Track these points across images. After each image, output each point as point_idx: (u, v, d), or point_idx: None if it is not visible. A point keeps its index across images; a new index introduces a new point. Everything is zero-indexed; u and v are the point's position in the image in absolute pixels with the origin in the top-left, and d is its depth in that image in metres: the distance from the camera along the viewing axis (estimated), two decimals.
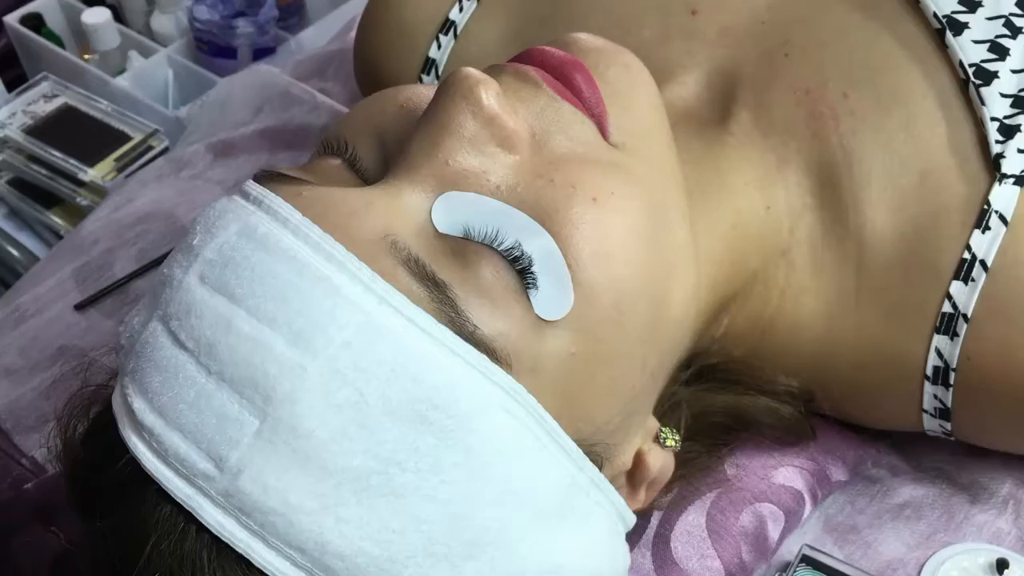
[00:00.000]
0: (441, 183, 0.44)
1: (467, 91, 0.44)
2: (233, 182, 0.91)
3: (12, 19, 1.46)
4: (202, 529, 0.39)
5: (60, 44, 1.46)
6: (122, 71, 1.39)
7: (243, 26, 1.32)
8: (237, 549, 0.39)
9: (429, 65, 0.71)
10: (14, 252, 1.09)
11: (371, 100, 0.51)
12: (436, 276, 0.41)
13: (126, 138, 1.16)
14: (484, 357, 0.41)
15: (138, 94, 1.32)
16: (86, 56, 1.43)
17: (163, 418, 0.40)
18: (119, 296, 0.81)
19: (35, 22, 1.46)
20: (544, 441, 0.42)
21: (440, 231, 0.43)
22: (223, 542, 0.39)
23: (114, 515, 0.41)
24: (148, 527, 0.40)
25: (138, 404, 0.40)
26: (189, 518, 0.39)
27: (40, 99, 1.22)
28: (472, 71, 0.44)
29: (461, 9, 0.71)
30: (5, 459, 0.71)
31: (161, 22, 1.43)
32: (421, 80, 0.72)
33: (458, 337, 0.40)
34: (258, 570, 0.39)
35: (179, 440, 0.39)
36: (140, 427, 0.40)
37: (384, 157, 0.47)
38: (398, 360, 0.39)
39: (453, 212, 0.43)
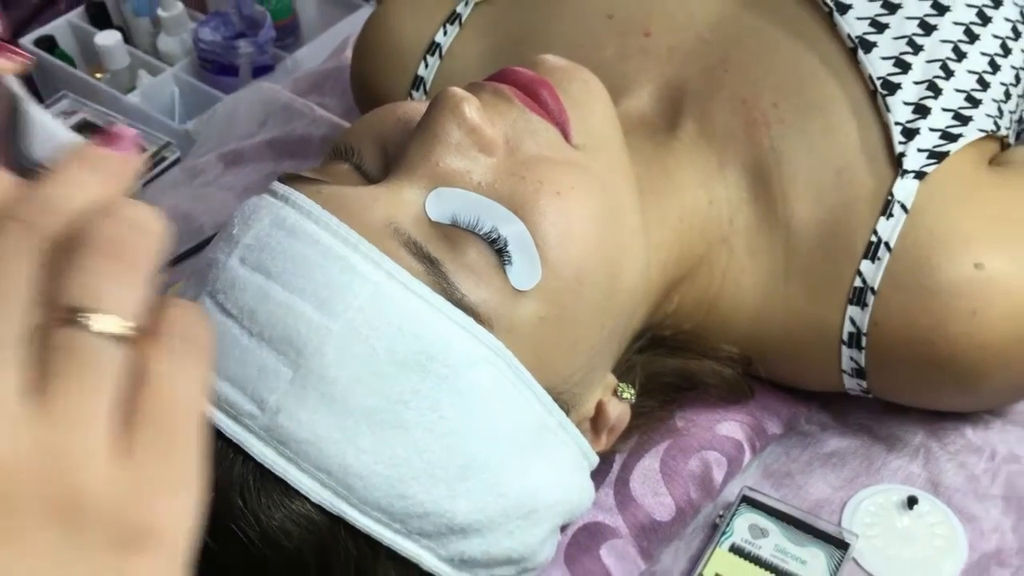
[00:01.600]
0: (433, 181, 0.51)
1: (453, 106, 0.51)
2: (242, 188, 0.97)
3: (27, 41, 1.52)
4: (248, 458, 0.46)
5: (72, 64, 1.52)
6: (132, 88, 1.44)
7: (244, 46, 1.36)
8: (276, 472, 0.46)
9: (418, 82, 0.78)
10: None
11: (373, 114, 0.58)
12: (431, 255, 0.49)
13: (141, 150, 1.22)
14: (471, 319, 0.48)
15: (147, 109, 1.37)
16: (98, 75, 1.49)
17: (214, 371, 0.47)
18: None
19: (49, 44, 1.52)
20: (519, 388, 0.50)
21: (433, 219, 0.50)
22: (265, 468, 0.46)
23: None
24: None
25: None
26: (237, 450, 0.46)
27: (60, 115, 1.28)
28: (457, 90, 0.52)
29: (445, 33, 0.77)
30: None
31: (167, 43, 1.47)
32: (411, 95, 0.78)
33: (449, 303, 0.48)
34: (294, 490, 0.46)
35: (228, 388, 0.47)
36: None
37: (385, 161, 0.54)
38: (402, 321, 0.47)
39: (443, 204, 0.50)
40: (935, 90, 0.65)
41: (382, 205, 0.50)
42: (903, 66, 0.66)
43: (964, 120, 0.65)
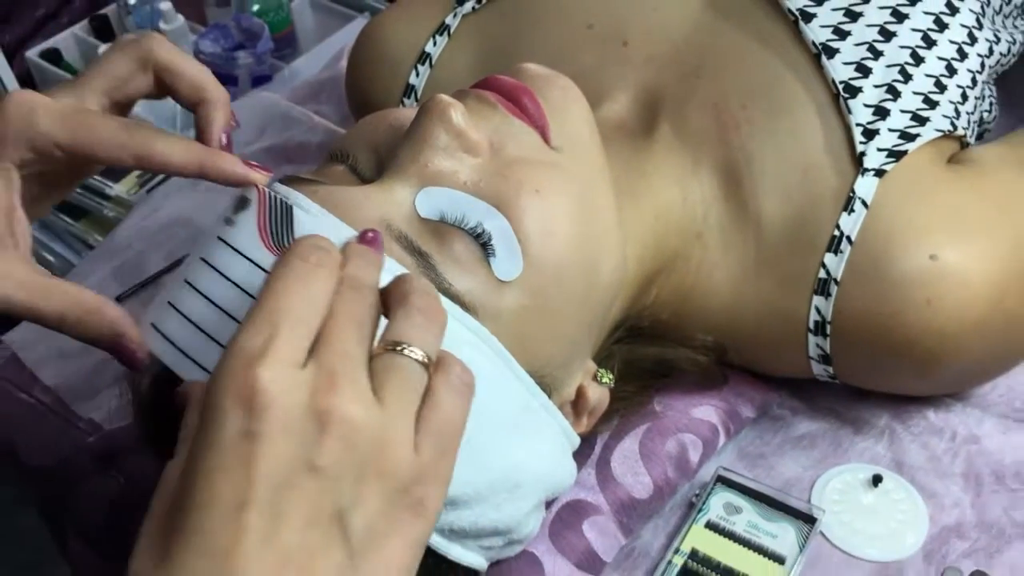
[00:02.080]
0: (422, 180, 0.54)
1: (441, 112, 0.55)
2: (242, 193, 1.01)
3: (32, 54, 1.56)
4: None
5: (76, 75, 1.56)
6: None
7: (243, 57, 1.39)
8: None
9: (409, 90, 0.81)
10: (51, 258, 1.19)
11: (366, 120, 0.61)
12: (420, 248, 0.52)
13: None
14: (457, 307, 0.52)
15: (150, 118, 1.40)
16: None
17: None
18: (152, 289, 0.91)
19: (54, 56, 1.56)
20: (503, 371, 0.53)
21: (422, 216, 0.54)
22: None
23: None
24: None
25: None
26: None
27: None
28: (445, 97, 0.55)
29: (435, 43, 0.81)
30: (64, 424, 0.82)
31: None
32: (403, 103, 0.82)
33: (438, 292, 0.52)
34: None
35: None
36: None
37: (378, 163, 0.57)
38: None
39: (432, 202, 0.54)
40: (894, 93, 0.69)
41: (375, 203, 0.53)
42: (864, 71, 0.69)
43: (922, 121, 0.68)
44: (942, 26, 0.72)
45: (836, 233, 0.65)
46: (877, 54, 0.70)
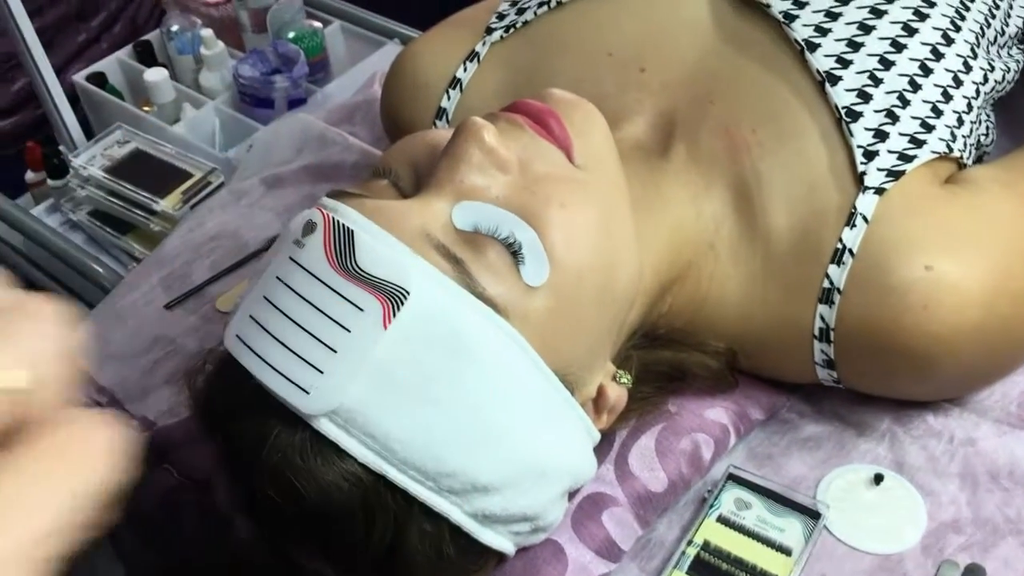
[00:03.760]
0: (458, 195, 0.58)
1: (475, 132, 0.59)
2: (282, 208, 1.04)
3: (79, 77, 1.61)
4: (306, 425, 0.53)
5: (121, 98, 1.61)
6: (177, 120, 1.52)
7: (280, 81, 1.43)
8: (330, 437, 0.53)
9: (441, 113, 0.85)
10: (99, 269, 1.24)
11: (405, 140, 0.65)
12: (456, 256, 0.56)
13: (188, 175, 1.30)
14: (491, 310, 0.55)
15: (191, 139, 1.44)
16: (145, 108, 1.57)
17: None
18: (198, 297, 0.95)
19: (100, 79, 1.61)
20: (531, 368, 0.57)
21: (458, 228, 0.57)
22: (320, 433, 0.53)
23: (245, 422, 0.56)
24: (269, 428, 0.54)
25: None
26: (297, 419, 0.53)
27: (115, 144, 1.35)
28: (478, 119, 0.59)
29: (465, 69, 0.85)
30: None
31: (209, 79, 1.55)
32: (435, 125, 0.85)
33: (472, 296, 0.55)
34: (344, 451, 0.53)
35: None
36: None
37: (416, 179, 0.61)
38: (434, 311, 0.53)
39: (467, 215, 0.58)
40: (893, 117, 0.72)
41: (415, 215, 0.57)
42: (865, 97, 0.72)
43: (919, 143, 0.72)
44: (938, 56, 0.76)
45: (839, 246, 0.69)
46: (877, 81, 0.73)
